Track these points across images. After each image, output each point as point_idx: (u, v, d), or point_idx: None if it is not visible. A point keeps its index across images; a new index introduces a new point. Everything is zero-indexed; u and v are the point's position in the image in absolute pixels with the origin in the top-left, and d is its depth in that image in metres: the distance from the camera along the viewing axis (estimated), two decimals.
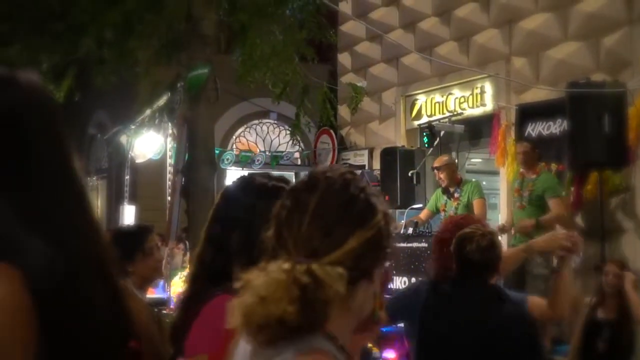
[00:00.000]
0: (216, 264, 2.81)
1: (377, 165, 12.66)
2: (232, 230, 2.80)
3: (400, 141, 12.49)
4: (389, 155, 11.84)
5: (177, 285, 8.57)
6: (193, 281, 2.94)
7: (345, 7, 12.78)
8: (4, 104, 1.74)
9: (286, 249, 1.74)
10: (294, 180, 12.77)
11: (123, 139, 13.07)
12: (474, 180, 9.93)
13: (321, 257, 1.69)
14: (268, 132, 17.92)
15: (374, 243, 1.78)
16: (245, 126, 17.67)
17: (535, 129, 9.85)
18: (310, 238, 1.72)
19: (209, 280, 2.79)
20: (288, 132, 17.58)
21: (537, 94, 9.97)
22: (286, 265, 1.67)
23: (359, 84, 11.50)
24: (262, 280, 1.68)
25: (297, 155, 16.94)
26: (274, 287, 1.65)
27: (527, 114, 10.00)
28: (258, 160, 14.85)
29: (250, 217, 2.74)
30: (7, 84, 1.78)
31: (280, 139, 17.87)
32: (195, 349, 2.66)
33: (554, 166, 9.27)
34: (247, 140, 17.76)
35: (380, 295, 1.88)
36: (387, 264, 1.90)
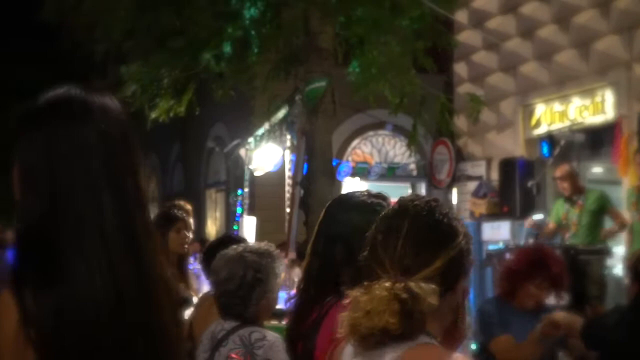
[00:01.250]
0: (322, 276, 2.98)
1: (495, 175, 12.52)
2: (335, 245, 2.96)
3: (519, 151, 12.27)
4: (507, 165, 11.69)
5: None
6: (302, 292, 3.08)
7: (461, 17, 12.66)
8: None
9: (383, 267, 2.04)
10: (409, 191, 12.70)
11: (242, 152, 13.19)
12: (597, 189, 9.69)
13: (413, 274, 1.98)
14: (383, 143, 17.83)
15: (457, 261, 2.08)
16: (360, 138, 17.63)
17: None
18: (403, 258, 2.02)
19: (316, 292, 2.96)
20: (403, 143, 17.55)
21: None
22: (387, 284, 1.96)
23: (477, 95, 11.34)
24: (366, 297, 1.96)
25: (412, 166, 16.83)
26: (377, 303, 1.94)
27: None
28: (374, 172, 14.82)
29: (351, 232, 2.88)
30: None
31: (395, 150, 17.77)
32: (323, 350, 2.77)
33: None
34: (363, 151, 17.72)
35: (462, 307, 2.17)
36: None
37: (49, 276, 1.72)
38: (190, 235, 6.28)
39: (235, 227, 13.01)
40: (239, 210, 14.13)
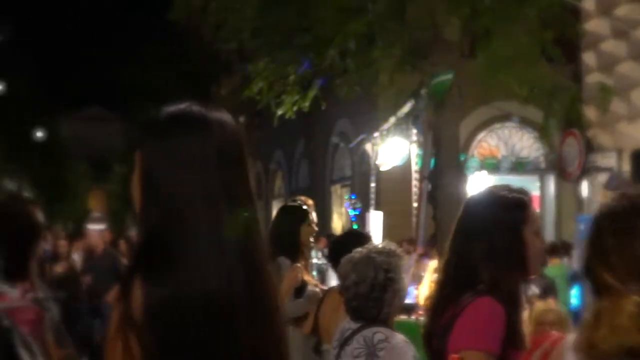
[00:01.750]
0: (461, 273, 2.94)
1: (626, 167, 12.15)
2: (474, 241, 2.91)
3: None
4: (639, 156, 11.32)
5: (425, 291, 8.54)
6: (440, 288, 3.06)
7: (588, 4, 12.31)
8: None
9: (616, 275, 1.80)
10: (538, 184, 12.43)
11: (368, 147, 13.21)
12: None
13: None
14: (510, 135, 17.57)
15: None
16: (486, 130, 17.45)
17: None
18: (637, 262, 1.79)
19: (453, 289, 2.93)
20: (530, 135, 17.26)
21: None
22: (636, 299, 1.74)
23: (607, 85, 11.01)
24: (612, 311, 1.76)
25: (541, 159, 16.52)
26: (627, 319, 1.73)
27: None
28: (504, 166, 14.61)
29: (492, 228, 2.89)
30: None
31: (522, 142, 17.48)
32: (458, 345, 2.78)
33: None
34: (489, 144, 17.52)
35: None
36: None
37: (165, 273, 1.82)
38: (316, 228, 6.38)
39: (355, 227, 13.04)
40: (351, 212, 14.21)
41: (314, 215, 6.13)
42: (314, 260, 9.98)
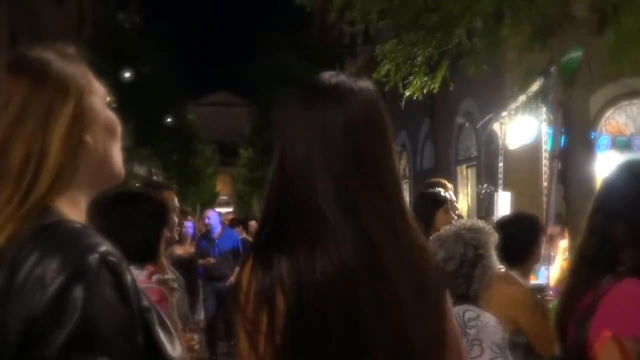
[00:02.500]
0: (599, 255, 2.73)
1: None
2: (616, 222, 2.70)
3: None
4: None
5: (556, 272, 8.42)
6: (575, 272, 2.89)
7: None
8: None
9: None
10: None
11: (495, 126, 13.06)
12: None
13: None
14: (638, 112, 17.05)
15: None
16: (614, 108, 16.97)
17: None
18: None
19: (590, 273, 2.74)
20: None
21: None
22: None
23: None
24: None
25: None
26: None
27: None
28: (636, 145, 14.18)
29: (635, 208, 2.67)
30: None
31: None
32: (603, 330, 2.58)
33: None
34: (617, 122, 17.05)
35: None
36: None
37: (312, 247, 1.82)
38: (455, 216, 6.23)
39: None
40: None
41: (454, 202, 6.05)
42: None
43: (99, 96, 1.78)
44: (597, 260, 2.73)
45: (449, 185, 6.22)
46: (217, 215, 14.26)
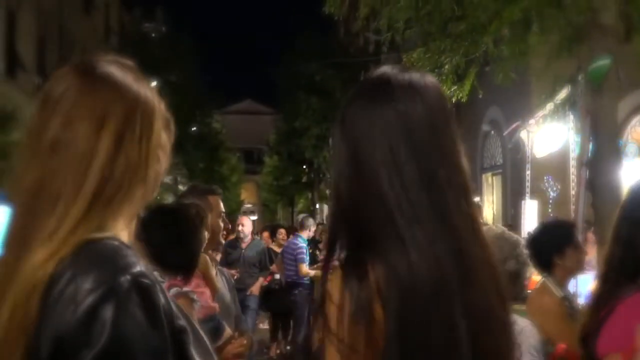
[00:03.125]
0: (626, 263, 2.68)
1: None
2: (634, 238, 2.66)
3: None
4: None
5: (586, 281, 8.35)
6: (603, 281, 2.84)
7: None
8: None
9: None
10: None
11: (523, 134, 13.03)
12: None
13: None
14: None
15: None
16: (639, 115, 16.89)
17: None
18: None
19: (619, 280, 2.69)
20: None
21: None
22: None
23: None
24: None
25: None
26: None
27: None
28: None
29: None
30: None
31: None
32: (608, 347, 2.55)
33: None
34: None
35: None
36: None
37: (398, 249, 1.69)
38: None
39: None
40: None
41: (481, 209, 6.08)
42: None
43: (164, 119, 1.80)
44: (623, 270, 2.69)
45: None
46: (251, 223, 13.70)
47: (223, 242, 5.19)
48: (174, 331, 1.56)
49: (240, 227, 13.07)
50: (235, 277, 12.22)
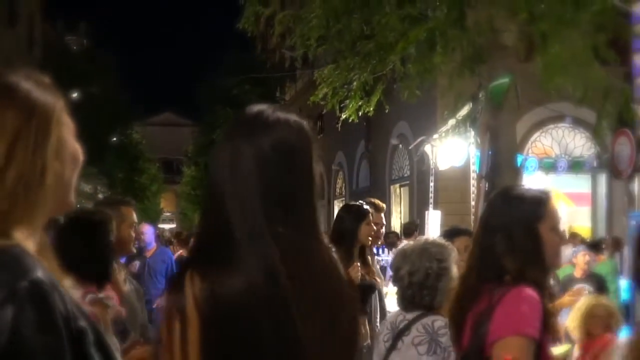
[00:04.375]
0: (482, 265, 2.95)
1: None
2: (494, 236, 2.92)
3: None
4: None
5: None
6: (464, 279, 3.09)
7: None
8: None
9: None
10: (590, 182, 12.18)
11: (427, 148, 13.15)
12: None
13: None
14: (563, 135, 17.35)
15: None
16: (540, 131, 17.25)
17: None
18: None
19: (476, 280, 2.95)
20: (583, 135, 17.00)
21: None
22: None
23: None
24: None
25: (592, 158, 16.28)
26: None
27: None
28: (561, 166, 14.43)
29: (510, 224, 2.91)
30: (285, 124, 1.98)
31: (575, 142, 17.25)
32: (500, 332, 2.76)
33: None
34: (543, 144, 17.32)
35: None
36: None
37: (221, 267, 1.85)
38: (382, 230, 6.39)
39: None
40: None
41: (379, 216, 6.15)
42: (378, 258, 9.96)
43: (69, 127, 1.75)
44: (482, 269, 2.93)
45: (378, 204, 6.27)
46: (153, 230, 12.87)
47: (134, 250, 5.06)
48: (73, 332, 1.55)
49: (142, 235, 12.30)
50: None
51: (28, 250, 1.60)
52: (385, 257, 10.86)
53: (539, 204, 2.97)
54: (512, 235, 2.89)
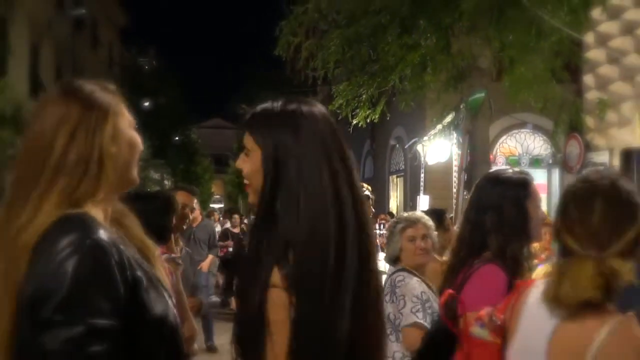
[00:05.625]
0: (472, 240, 2.67)
1: (616, 162, 11.72)
2: (486, 214, 2.64)
3: (636, 143, 11.42)
4: (627, 154, 10.91)
5: None
6: (455, 254, 2.81)
7: (589, 38, 11.94)
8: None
9: (579, 242, 1.72)
10: (546, 176, 11.99)
11: (419, 147, 13.07)
12: None
13: (607, 249, 1.68)
14: (525, 138, 17.20)
15: None
16: (507, 134, 17.11)
17: None
18: (599, 233, 1.70)
19: (466, 254, 2.68)
20: (541, 138, 16.86)
21: None
22: (590, 260, 1.67)
23: (604, 98, 10.75)
24: (572, 271, 1.69)
25: (548, 156, 16.17)
26: (584, 277, 1.66)
27: None
28: (522, 163, 14.35)
29: (501, 203, 2.62)
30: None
31: (534, 143, 17.10)
32: (466, 307, 2.52)
33: None
34: (509, 145, 17.18)
35: None
36: None
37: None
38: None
39: None
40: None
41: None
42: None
43: (127, 120, 1.73)
44: (471, 244, 2.67)
45: (369, 188, 6.16)
46: (198, 205, 12.20)
47: (184, 228, 5.01)
48: (128, 279, 1.54)
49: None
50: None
51: (94, 217, 1.59)
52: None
53: (526, 185, 2.72)
54: (502, 212, 2.62)
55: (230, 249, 13.50)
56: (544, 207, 18.70)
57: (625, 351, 1.64)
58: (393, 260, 4.00)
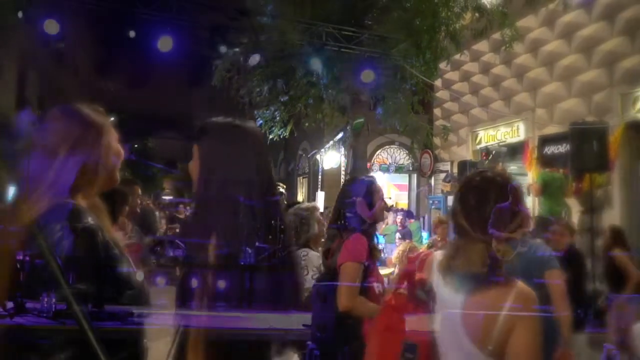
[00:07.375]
0: (338, 218, 2.84)
1: (455, 170, 12.17)
2: (344, 208, 2.82)
3: (470, 157, 11.96)
4: (463, 164, 11.38)
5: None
6: (328, 230, 3.00)
7: (437, 83, 12.37)
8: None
9: (475, 227, 1.62)
10: (407, 178, 12.07)
11: (318, 156, 13.17)
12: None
13: (495, 234, 1.58)
14: (393, 152, 17.58)
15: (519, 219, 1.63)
16: (381, 149, 17.42)
17: (550, 150, 9.21)
18: (490, 220, 1.59)
19: (337, 230, 2.83)
20: (404, 152, 17.30)
21: (552, 130, 9.31)
22: (481, 241, 1.59)
23: (447, 125, 11.13)
24: (466, 249, 1.61)
25: (409, 164, 16.58)
26: (475, 255, 1.59)
27: (546, 140, 9.35)
28: (391, 169, 14.65)
29: (351, 201, 2.80)
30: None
31: (400, 156, 17.50)
32: (342, 260, 2.72)
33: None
34: (382, 156, 17.50)
35: None
36: None
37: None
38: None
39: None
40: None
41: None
42: None
43: (114, 135, 1.72)
44: (336, 221, 2.84)
45: (284, 186, 6.17)
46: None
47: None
48: (110, 255, 1.54)
49: None
50: None
51: (84, 207, 1.60)
52: None
53: (371, 184, 2.88)
54: (351, 209, 2.78)
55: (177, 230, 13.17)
56: (405, 200, 18.79)
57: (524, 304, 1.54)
58: (304, 242, 3.91)
